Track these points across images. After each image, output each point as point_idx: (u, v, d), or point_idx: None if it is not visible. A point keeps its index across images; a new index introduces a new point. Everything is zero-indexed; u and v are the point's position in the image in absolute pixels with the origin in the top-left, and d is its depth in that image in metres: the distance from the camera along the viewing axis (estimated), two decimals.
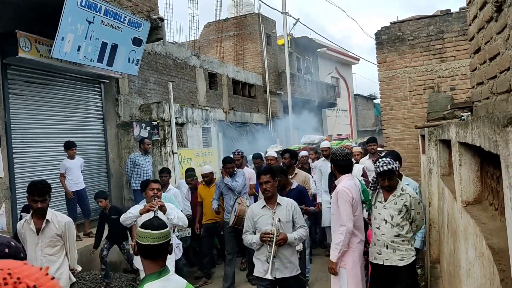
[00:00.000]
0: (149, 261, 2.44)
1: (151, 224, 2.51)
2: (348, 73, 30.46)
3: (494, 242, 1.83)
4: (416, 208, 4.30)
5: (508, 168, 1.25)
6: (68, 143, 7.72)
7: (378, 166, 4.25)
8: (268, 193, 4.39)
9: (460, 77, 8.68)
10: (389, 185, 4.29)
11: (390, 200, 4.32)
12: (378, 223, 4.37)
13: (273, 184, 4.42)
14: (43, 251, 4.34)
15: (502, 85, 2.40)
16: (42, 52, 7.35)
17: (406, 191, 4.31)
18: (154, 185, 5.15)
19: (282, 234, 4.24)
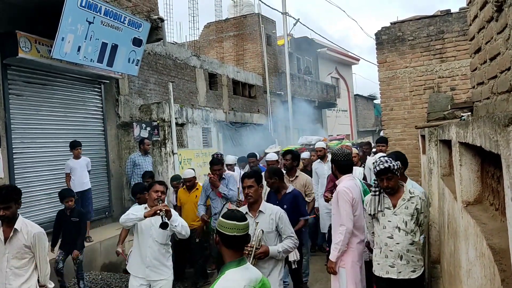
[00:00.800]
0: (232, 251, 2.57)
1: (235, 215, 2.62)
2: (348, 73, 30.47)
3: (495, 242, 1.83)
4: (425, 211, 4.00)
5: (509, 168, 1.24)
6: (73, 142, 7.73)
7: (375, 165, 3.93)
8: (250, 199, 4.05)
9: (460, 77, 8.68)
10: (388, 186, 3.90)
11: (400, 205, 3.96)
12: (390, 231, 3.96)
13: (257, 189, 4.07)
14: (10, 262, 3.97)
15: (503, 85, 2.39)
16: (42, 53, 7.35)
17: (415, 194, 3.97)
18: (159, 187, 4.76)
19: (264, 247, 3.82)
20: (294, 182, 6.29)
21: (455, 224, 3.24)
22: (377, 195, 4.02)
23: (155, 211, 4.37)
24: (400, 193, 3.96)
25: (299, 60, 23.60)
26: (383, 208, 3.99)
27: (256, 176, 4.13)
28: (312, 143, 11.80)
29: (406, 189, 3.97)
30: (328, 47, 25.41)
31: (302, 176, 6.63)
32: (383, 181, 3.89)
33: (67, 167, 7.65)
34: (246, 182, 4.09)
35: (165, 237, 4.69)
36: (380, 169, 3.85)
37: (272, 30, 20.01)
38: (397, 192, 3.96)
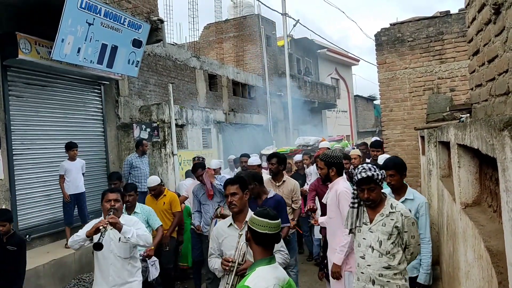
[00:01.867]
0: (262, 248, 2.63)
1: (268, 213, 2.68)
2: (348, 74, 30.47)
3: (493, 244, 1.84)
4: (410, 230, 3.33)
5: (505, 172, 1.25)
6: (69, 143, 7.62)
7: (356, 173, 3.39)
8: (234, 208, 3.60)
9: (460, 78, 8.69)
10: (369, 199, 3.33)
11: (377, 220, 3.37)
12: (363, 251, 3.42)
13: (242, 197, 3.63)
14: None
15: (501, 87, 2.40)
16: (42, 54, 7.36)
17: (397, 209, 3.35)
18: (111, 195, 4.21)
19: (248, 263, 3.28)
20: (281, 188, 5.90)
21: (454, 226, 3.26)
22: (355, 208, 3.50)
23: (96, 228, 3.83)
24: (380, 207, 3.42)
25: (299, 61, 23.60)
26: (361, 223, 3.48)
27: (240, 182, 3.71)
28: (310, 144, 11.44)
29: (387, 203, 3.40)
30: (328, 48, 25.41)
31: (289, 181, 6.09)
32: (364, 192, 3.33)
33: (62, 169, 7.48)
34: (229, 189, 3.64)
35: (129, 250, 4.17)
36: (361, 177, 3.30)
37: (272, 31, 20.02)
38: (378, 205, 3.42)
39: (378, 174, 3.30)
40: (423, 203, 4.13)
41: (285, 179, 6.02)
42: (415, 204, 4.10)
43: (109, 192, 4.29)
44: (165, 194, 6.52)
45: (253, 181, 4.88)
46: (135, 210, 5.52)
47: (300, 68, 23.28)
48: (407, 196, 4.16)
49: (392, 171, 4.10)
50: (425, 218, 4.11)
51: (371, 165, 3.41)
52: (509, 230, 1.26)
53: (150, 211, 5.63)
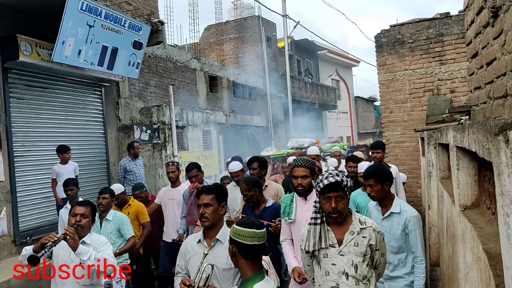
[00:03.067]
0: (252, 262, 2.40)
1: (254, 223, 2.46)
2: (348, 75, 30.48)
3: (491, 246, 1.84)
4: (381, 247, 2.90)
5: (500, 176, 1.26)
6: (63, 147, 7.42)
7: (320, 179, 2.84)
8: (205, 222, 3.04)
9: (460, 80, 8.70)
10: (336, 209, 2.79)
11: (347, 240, 2.84)
12: (335, 279, 2.84)
13: (217, 210, 3.09)
14: None
15: (499, 90, 2.41)
16: (43, 56, 7.38)
17: (367, 223, 2.89)
18: (79, 209, 3.74)
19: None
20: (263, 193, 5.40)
21: (453, 228, 3.26)
22: (318, 224, 2.88)
23: (42, 244, 3.29)
24: (347, 223, 2.88)
25: (299, 62, 23.62)
26: (327, 244, 2.86)
27: (217, 191, 3.14)
28: (305, 146, 10.82)
29: (354, 219, 2.90)
30: (328, 49, 25.44)
31: (272, 185, 5.59)
32: (331, 201, 2.78)
33: (53, 173, 7.31)
34: (202, 199, 3.09)
35: (93, 275, 3.59)
36: (328, 183, 2.76)
37: (272, 32, 20.05)
38: (344, 221, 2.89)
39: (347, 181, 2.82)
40: (412, 217, 3.57)
41: (267, 184, 5.49)
42: (402, 218, 3.59)
43: (77, 205, 3.79)
44: (130, 204, 6.02)
45: (254, 188, 4.59)
46: (107, 217, 5.14)
47: (300, 69, 23.30)
48: (393, 210, 3.65)
49: (371, 181, 3.63)
50: (415, 234, 3.56)
51: (338, 171, 2.92)
52: (504, 234, 1.27)
53: (123, 219, 5.20)
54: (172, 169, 6.33)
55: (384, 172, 3.69)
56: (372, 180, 3.63)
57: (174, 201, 6.16)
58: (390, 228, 3.62)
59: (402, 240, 3.61)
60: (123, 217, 5.23)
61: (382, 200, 3.71)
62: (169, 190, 6.38)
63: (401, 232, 3.57)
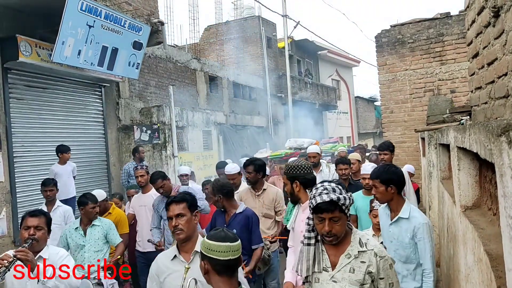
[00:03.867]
0: (228, 278, 2.18)
1: (226, 235, 2.22)
2: (348, 75, 30.47)
3: (492, 248, 1.83)
4: (388, 276, 2.42)
5: (503, 178, 1.25)
6: (64, 146, 7.33)
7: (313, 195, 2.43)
8: (180, 234, 2.78)
9: (460, 80, 8.70)
10: (331, 233, 2.38)
11: (342, 264, 2.44)
12: None
13: (191, 219, 2.84)
14: None
15: (500, 90, 2.40)
16: (42, 57, 7.37)
17: (369, 246, 2.43)
18: (31, 220, 3.29)
19: None
20: (261, 197, 5.13)
21: (454, 228, 3.25)
22: (312, 245, 2.51)
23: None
24: (344, 244, 2.47)
25: (300, 62, 23.60)
26: (320, 267, 2.50)
27: (187, 199, 2.88)
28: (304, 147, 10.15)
29: (354, 239, 2.46)
30: (328, 50, 25.42)
31: (271, 189, 5.26)
32: (324, 223, 2.37)
33: (52, 173, 7.07)
34: (173, 209, 2.82)
35: None
36: (321, 201, 2.35)
37: (273, 32, 20.04)
38: (342, 242, 2.46)
39: (345, 198, 2.37)
40: (421, 225, 3.23)
41: (265, 187, 5.21)
42: (410, 225, 3.25)
43: (29, 217, 3.31)
44: (110, 212, 5.65)
45: (218, 193, 4.25)
46: (94, 222, 4.81)
47: (300, 69, 23.29)
48: (401, 214, 3.31)
49: (375, 181, 3.39)
50: (424, 243, 3.21)
51: (336, 183, 2.46)
52: (507, 236, 1.26)
53: (110, 224, 4.93)
54: (140, 173, 5.81)
55: (389, 173, 3.34)
56: (376, 181, 3.36)
57: (146, 208, 5.73)
58: (398, 234, 3.33)
59: (410, 249, 3.27)
60: (110, 222, 4.96)
61: (391, 204, 3.39)
62: (140, 197, 5.94)
63: (409, 240, 3.25)
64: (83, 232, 4.76)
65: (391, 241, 3.38)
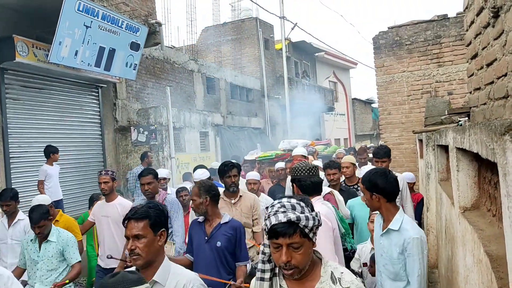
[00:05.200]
0: None
1: (128, 280, 1.80)
2: (346, 77, 30.51)
3: (492, 249, 1.82)
4: None
5: (506, 177, 1.24)
6: (52, 148, 7.19)
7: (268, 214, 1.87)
8: (137, 260, 2.25)
9: (458, 82, 8.72)
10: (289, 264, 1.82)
11: None
12: None
13: (154, 241, 2.29)
14: None
15: (500, 91, 2.39)
16: (39, 57, 7.34)
17: (344, 283, 1.90)
18: None
19: None
20: (237, 205, 4.55)
21: (453, 230, 3.24)
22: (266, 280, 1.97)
23: None
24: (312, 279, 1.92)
25: (297, 64, 23.62)
26: None
27: (151, 215, 2.31)
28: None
29: (325, 272, 1.92)
30: (325, 51, 25.45)
31: (247, 196, 4.71)
32: (280, 251, 1.81)
33: (43, 173, 6.93)
34: (130, 228, 2.28)
35: None
36: (277, 222, 1.79)
37: (270, 34, 20.05)
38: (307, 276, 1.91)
39: (308, 218, 1.81)
40: (411, 239, 2.82)
41: (241, 194, 4.65)
42: (400, 238, 2.87)
43: None
44: (58, 220, 4.98)
45: (206, 194, 3.62)
46: (49, 238, 4.21)
47: (298, 71, 23.30)
48: (391, 226, 2.93)
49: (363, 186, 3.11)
50: (412, 260, 2.82)
51: (298, 199, 1.90)
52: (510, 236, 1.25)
53: (69, 240, 4.28)
54: (104, 179, 4.92)
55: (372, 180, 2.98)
56: (363, 186, 3.08)
57: (109, 219, 4.96)
58: (387, 248, 2.96)
59: (399, 265, 2.89)
60: (69, 238, 4.29)
61: (381, 212, 3.07)
62: (103, 205, 5.09)
63: (398, 255, 2.87)
64: (39, 246, 4.20)
65: (381, 255, 3.02)
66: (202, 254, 3.55)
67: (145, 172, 4.78)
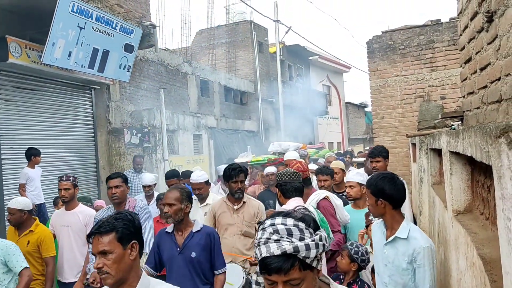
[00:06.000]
0: None
1: None
2: (339, 81, 30.61)
3: (486, 252, 1.83)
4: None
5: (501, 179, 1.24)
6: (34, 150, 7.00)
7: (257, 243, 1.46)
8: (106, 279, 2.01)
9: (450, 86, 8.77)
10: None
11: None
12: None
13: (123, 256, 2.02)
14: None
15: (493, 95, 2.41)
16: (32, 58, 7.30)
17: None
18: None
19: None
20: (240, 212, 4.29)
21: (446, 233, 3.25)
22: None
23: None
24: None
25: (291, 67, 23.67)
26: None
27: (118, 228, 2.05)
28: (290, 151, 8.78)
29: None
30: (319, 55, 25.53)
31: (251, 202, 4.37)
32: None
33: (24, 177, 6.76)
34: (96, 244, 2.02)
35: None
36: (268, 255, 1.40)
37: (264, 37, 20.09)
38: None
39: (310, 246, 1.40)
40: (422, 249, 2.67)
41: (245, 200, 4.34)
42: (409, 248, 2.71)
43: None
44: (32, 230, 4.39)
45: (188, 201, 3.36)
46: None
47: (292, 74, 23.35)
48: (398, 234, 2.77)
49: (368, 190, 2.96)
50: (423, 270, 2.67)
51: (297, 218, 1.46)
52: (504, 238, 1.25)
53: (9, 248, 3.80)
54: (65, 185, 4.54)
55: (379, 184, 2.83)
56: (368, 190, 2.92)
57: (69, 229, 4.57)
58: (394, 257, 2.78)
59: (408, 276, 2.73)
60: (7, 246, 3.81)
61: (385, 219, 2.88)
62: (63, 214, 4.66)
63: (406, 265, 2.70)
64: None
65: (386, 265, 2.84)
66: (175, 266, 3.31)
67: (114, 175, 4.37)
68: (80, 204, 4.69)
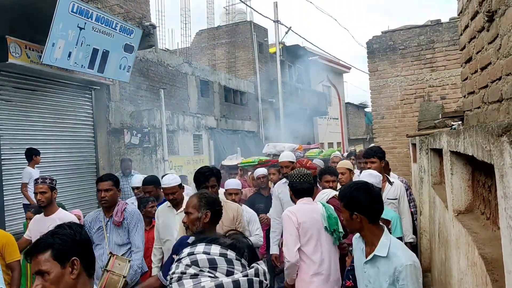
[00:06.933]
0: None
1: None
2: (339, 81, 30.60)
3: (487, 251, 1.83)
4: None
5: (503, 178, 1.24)
6: (34, 150, 7.00)
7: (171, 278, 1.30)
8: None
9: (450, 87, 8.77)
10: None
11: None
12: None
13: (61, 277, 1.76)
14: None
15: (494, 95, 2.41)
16: (32, 58, 7.30)
17: None
18: None
19: None
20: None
21: (446, 233, 3.24)
22: None
23: None
24: None
25: (291, 68, 23.67)
26: None
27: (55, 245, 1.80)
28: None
29: None
30: (319, 56, 25.52)
31: (229, 205, 4.05)
32: None
33: (27, 176, 6.71)
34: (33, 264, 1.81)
35: None
36: None
37: (264, 38, 20.08)
38: None
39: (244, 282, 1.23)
40: (404, 267, 2.38)
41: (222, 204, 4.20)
42: (390, 266, 2.43)
43: None
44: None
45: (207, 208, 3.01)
46: None
47: (291, 75, 23.35)
48: (377, 252, 2.50)
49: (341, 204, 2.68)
50: None
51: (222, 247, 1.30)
52: (507, 237, 1.25)
53: None
54: (41, 188, 4.15)
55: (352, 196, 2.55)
56: (341, 204, 2.64)
57: None
58: (374, 277, 2.53)
59: None
60: None
61: (363, 235, 2.61)
62: (41, 220, 4.29)
63: (388, 285, 2.44)
64: None
65: (366, 285, 2.62)
66: None
67: (104, 177, 4.15)
68: (59, 209, 4.32)
